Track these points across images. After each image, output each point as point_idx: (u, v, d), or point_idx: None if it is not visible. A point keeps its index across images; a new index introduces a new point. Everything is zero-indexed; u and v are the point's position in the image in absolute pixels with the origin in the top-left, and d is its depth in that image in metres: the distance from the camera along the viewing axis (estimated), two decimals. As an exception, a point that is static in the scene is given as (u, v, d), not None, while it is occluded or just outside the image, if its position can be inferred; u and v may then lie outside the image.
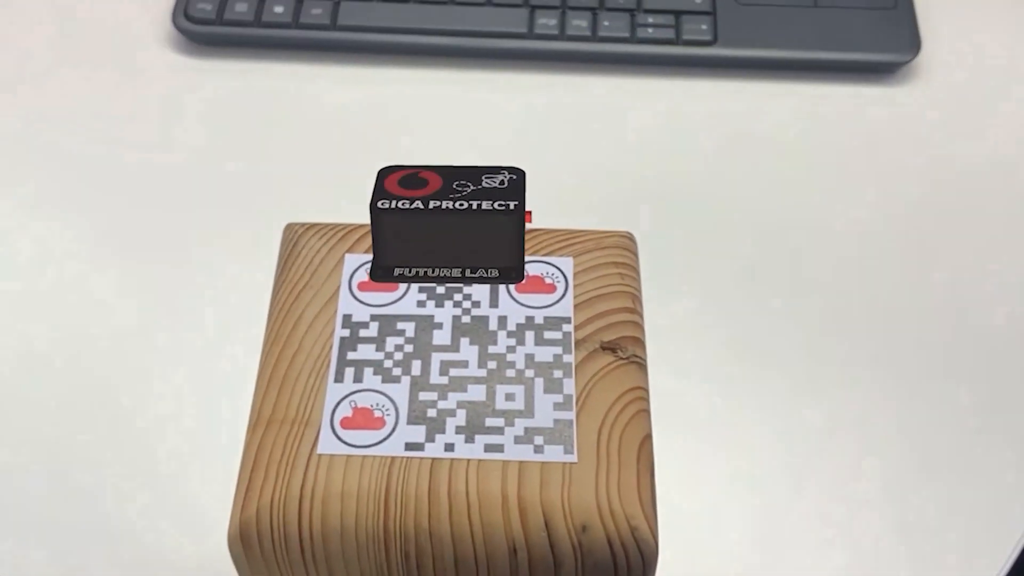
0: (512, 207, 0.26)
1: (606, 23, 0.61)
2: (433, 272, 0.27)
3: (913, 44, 0.61)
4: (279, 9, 0.61)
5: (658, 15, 0.61)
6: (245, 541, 0.27)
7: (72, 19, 0.63)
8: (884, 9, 0.62)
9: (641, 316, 0.30)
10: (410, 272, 0.27)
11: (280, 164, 0.57)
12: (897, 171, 0.57)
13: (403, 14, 0.62)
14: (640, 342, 0.30)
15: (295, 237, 0.31)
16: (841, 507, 0.45)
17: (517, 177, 0.27)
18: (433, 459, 0.27)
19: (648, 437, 0.28)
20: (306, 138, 0.58)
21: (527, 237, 0.31)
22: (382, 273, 0.27)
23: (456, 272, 0.27)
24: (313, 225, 0.31)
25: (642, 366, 0.29)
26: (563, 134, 0.58)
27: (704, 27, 0.61)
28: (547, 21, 0.61)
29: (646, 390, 0.29)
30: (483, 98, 0.60)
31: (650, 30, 0.61)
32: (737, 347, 0.50)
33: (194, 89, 0.60)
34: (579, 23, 0.61)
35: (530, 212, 0.26)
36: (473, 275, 0.27)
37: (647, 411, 0.29)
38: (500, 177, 0.26)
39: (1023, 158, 0.58)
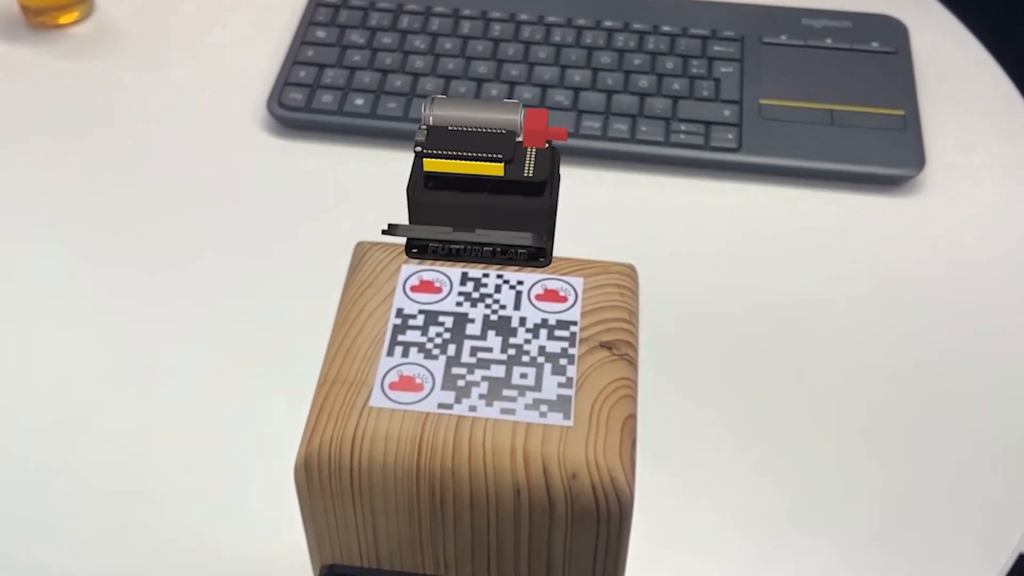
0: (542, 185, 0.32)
1: (643, 128, 0.70)
2: (465, 250, 0.33)
3: (919, 160, 0.68)
4: (359, 102, 0.71)
5: (690, 124, 0.70)
6: (308, 470, 0.34)
7: (187, 101, 0.73)
8: (894, 130, 0.70)
9: (635, 328, 0.37)
10: (443, 250, 0.33)
11: (350, 227, 0.65)
12: (898, 274, 0.64)
13: (467, 112, 0.71)
14: (632, 346, 0.37)
15: (363, 251, 0.39)
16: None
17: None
18: (459, 416, 0.34)
19: (632, 416, 0.35)
20: (377, 208, 0.66)
21: (551, 265, 0.39)
22: (417, 251, 0.33)
23: (488, 251, 0.33)
24: (378, 243, 0.39)
25: (632, 364, 0.36)
26: (599, 217, 0.66)
27: (730, 136, 0.69)
28: (592, 124, 0.70)
29: (634, 382, 0.36)
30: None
31: (682, 136, 0.69)
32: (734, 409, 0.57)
33: (281, 164, 0.70)
34: (620, 127, 0.70)
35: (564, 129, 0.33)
36: (503, 256, 0.33)
37: (633, 398, 0.35)
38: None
39: (1014, 267, 0.65)
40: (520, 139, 0.32)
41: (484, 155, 0.31)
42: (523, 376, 0.35)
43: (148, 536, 0.52)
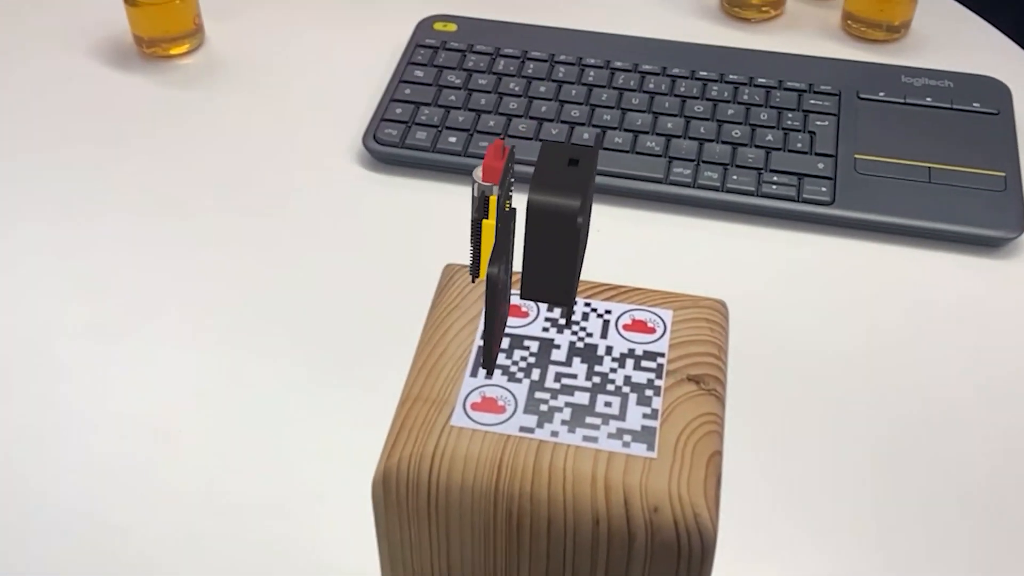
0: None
1: (735, 177, 0.69)
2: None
3: (1019, 223, 0.66)
4: (452, 139, 0.72)
5: (782, 175, 0.69)
6: (386, 486, 0.34)
7: (286, 132, 0.75)
8: (994, 191, 0.68)
9: (725, 365, 0.37)
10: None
11: (435, 259, 0.66)
12: (995, 339, 0.62)
13: (558, 154, 0.71)
14: (721, 382, 0.36)
15: (451, 273, 0.39)
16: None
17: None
18: (540, 441, 0.34)
19: (717, 453, 0.34)
20: (463, 243, 0.67)
21: (638, 295, 0.38)
22: (475, 276, 0.33)
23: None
24: (466, 266, 0.39)
25: (720, 400, 0.35)
26: (687, 263, 0.66)
27: (824, 189, 0.68)
28: (682, 171, 0.69)
29: (721, 418, 0.35)
30: (623, 230, 0.68)
31: (774, 187, 0.68)
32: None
33: (373, 197, 0.70)
34: (710, 175, 0.69)
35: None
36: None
37: (719, 434, 0.35)
38: None
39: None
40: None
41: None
42: (607, 405, 0.35)
43: (225, 541, 0.52)
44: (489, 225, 0.31)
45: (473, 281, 0.34)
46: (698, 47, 0.79)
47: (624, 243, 0.67)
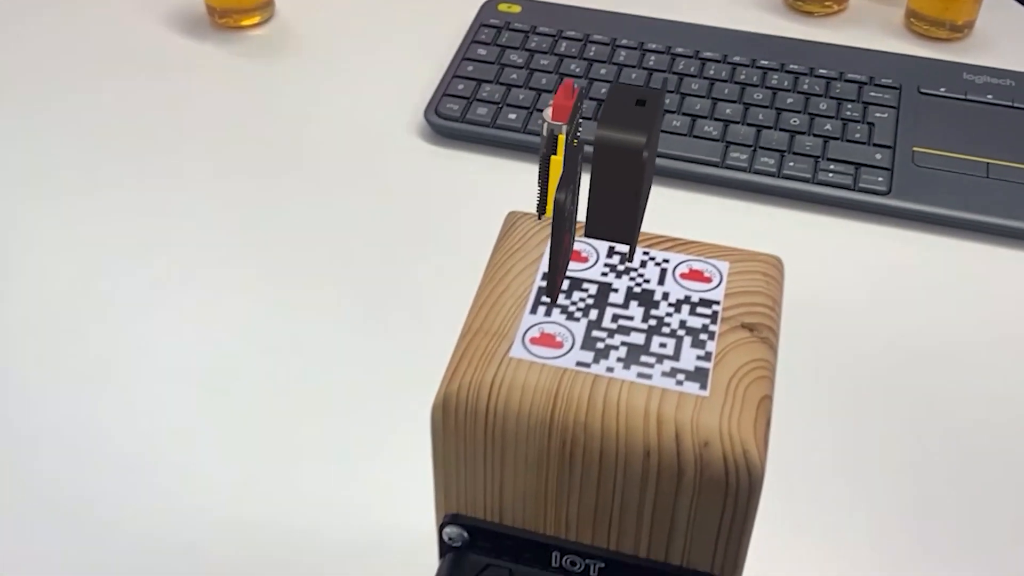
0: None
1: (791, 164, 0.69)
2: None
3: (1076, 221, 0.66)
4: (512, 116, 0.73)
5: (839, 164, 0.70)
6: (445, 411, 0.35)
7: (350, 104, 0.77)
8: (1053, 187, 0.68)
9: (778, 317, 0.37)
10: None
11: (489, 230, 0.67)
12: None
13: (617, 135, 0.72)
14: (774, 332, 0.37)
15: (514, 220, 0.40)
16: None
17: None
18: (596, 375, 0.35)
19: (767, 398, 0.35)
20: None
21: (695, 248, 0.39)
22: (542, 212, 0.34)
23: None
24: (529, 213, 0.40)
25: (772, 348, 0.36)
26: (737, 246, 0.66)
27: (880, 179, 0.69)
28: (739, 155, 0.70)
29: (773, 366, 0.36)
30: (679, 212, 0.68)
31: (830, 175, 0.69)
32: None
33: (432, 169, 0.72)
34: (767, 160, 0.70)
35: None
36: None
37: (770, 379, 0.35)
38: None
39: None
40: None
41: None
42: (662, 345, 0.35)
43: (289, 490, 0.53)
44: (557, 160, 0.33)
45: (540, 218, 0.35)
46: (759, 37, 0.80)
47: (679, 225, 0.67)
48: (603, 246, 0.39)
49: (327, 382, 0.59)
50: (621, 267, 0.38)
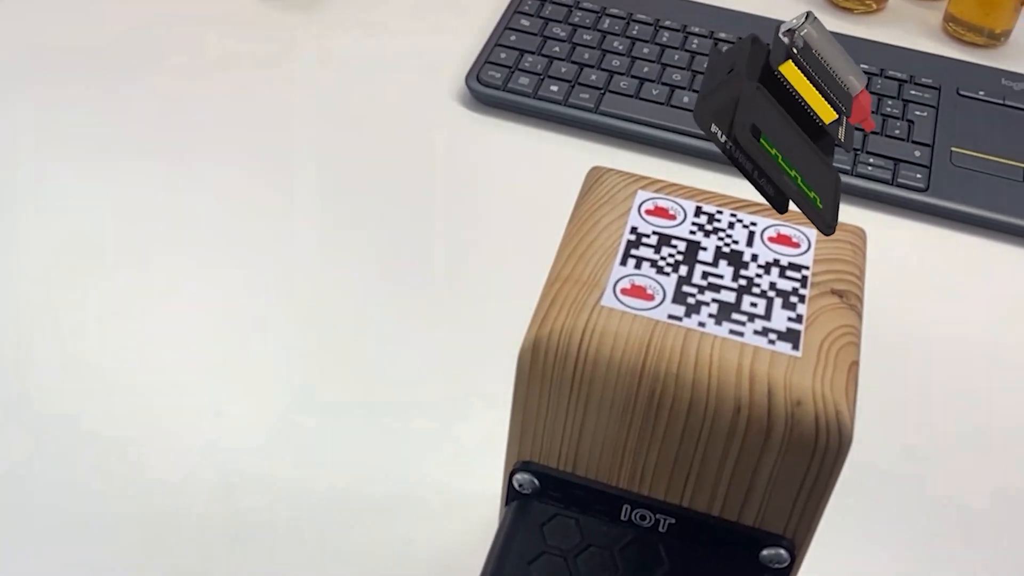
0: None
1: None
2: (734, 149, 0.34)
3: (1109, 230, 0.67)
4: (555, 88, 0.73)
5: (878, 158, 0.70)
6: (535, 354, 0.34)
7: (394, 70, 0.76)
8: (1087, 197, 0.69)
9: (863, 286, 0.37)
10: (721, 137, 0.34)
11: (528, 201, 0.66)
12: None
13: (656, 112, 0.72)
14: (860, 300, 0.37)
15: (598, 175, 0.40)
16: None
17: None
18: (688, 329, 0.34)
19: (856, 363, 0.35)
20: (552, 190, 0.68)
21: (785, 215, 0.39)
22: (701, 119, 0.34)
23: (750, 166, 0.34)
24: (613, 168, 0.40)
25: (860, 316, 0.36)
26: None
27: (919, 176, 0.69)
28: (781, 142, 0.70)
29: (860, 332, 0.36)
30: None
31: (869, 168, 0.69)
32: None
33: (473, 136, 0.71)
34: (808, 149, 0.70)
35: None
36: (758, 179, 0.34)
37: (858, 347, 0.35)
38: None
39: None
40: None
41: (831, 97, 0.32)
42: (753, 305, 0.35)
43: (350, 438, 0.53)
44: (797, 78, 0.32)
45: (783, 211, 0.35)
46: (801, 29, 0.80)
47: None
48: (690, 206, 0.39)
49: (365, 336, 0.58)
50: (709, 227, 0.38)
